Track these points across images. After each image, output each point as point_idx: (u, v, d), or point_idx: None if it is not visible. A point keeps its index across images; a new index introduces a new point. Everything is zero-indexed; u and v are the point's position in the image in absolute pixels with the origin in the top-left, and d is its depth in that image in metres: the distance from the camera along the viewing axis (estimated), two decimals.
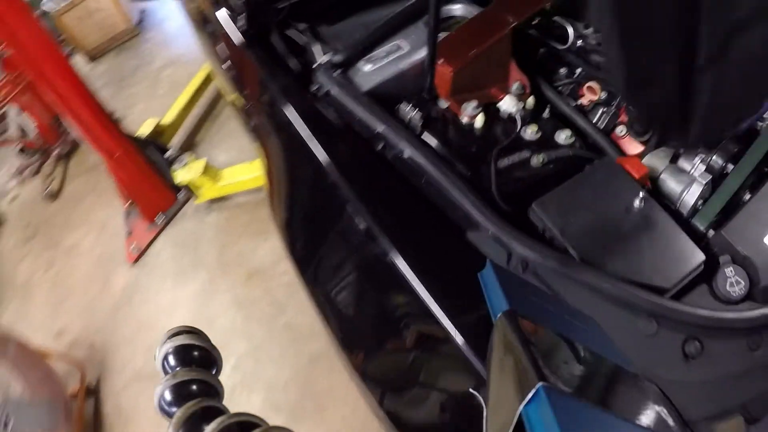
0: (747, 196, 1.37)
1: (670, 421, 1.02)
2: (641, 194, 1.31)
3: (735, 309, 1.15)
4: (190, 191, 3.55)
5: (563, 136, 1.54)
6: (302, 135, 1.60)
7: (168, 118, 3.91)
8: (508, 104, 1.60)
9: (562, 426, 0.59)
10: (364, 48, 1.77)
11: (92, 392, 3.05)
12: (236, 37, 1.97)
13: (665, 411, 1.03)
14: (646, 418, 0.81)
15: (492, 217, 1.24)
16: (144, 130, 3.76)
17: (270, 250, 3.25)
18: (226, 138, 4.00)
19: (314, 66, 1.78)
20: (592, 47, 1.75)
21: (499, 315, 0.82)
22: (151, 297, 3.36)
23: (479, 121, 1.57)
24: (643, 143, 1.58)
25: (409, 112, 1.58)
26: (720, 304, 1.19)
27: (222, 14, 2.05)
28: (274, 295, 3.07)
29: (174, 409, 1.02)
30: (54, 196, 4.27)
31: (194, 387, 1.06)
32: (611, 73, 1.32)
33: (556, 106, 1.69)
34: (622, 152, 1.61)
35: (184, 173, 3.37)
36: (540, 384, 0.63)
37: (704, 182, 1.37)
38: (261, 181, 3.29)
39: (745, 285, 1.19)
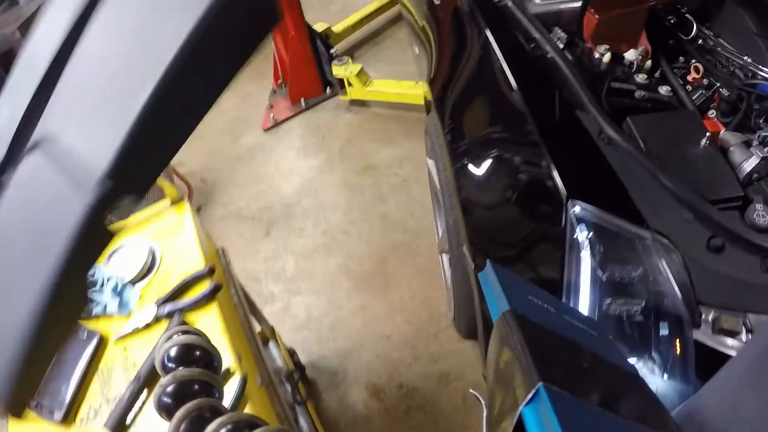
0: None
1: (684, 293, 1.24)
2: (708, 134, 1.60)
3: (757, 235, 1.32)
4: (337, 88, 3.89)
5: (665, 89, 1.85)
6: (482, 28, 1.97)
7: (338, 28, 4.26)
8: (631, 55, 1.94)
9: (562, 426, 0.58)
10: None
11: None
12: None
13: (685, 281, 1.25)
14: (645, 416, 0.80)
15: (596, 104, 1.58)
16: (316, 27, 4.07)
17: (389, 154, 3.57)
18: (384, 60, 4.28)
19: None
20: (710, 47, 2.06)
21: (499, 314, 0.81)
22: (272, 159, 3.69)
23: (606, 58, 1.92)
24: (725, 125, 1.83)
25: (559, 34, 1.95)
26: (746, 227, 1.36)
27: None
28: (380, 188, 3.40)
29: (174, 409, 1.03)
30: None
31: (194, 387, 1.07)
32: None
33: (666, 76, 2.01)
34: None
35: (342, 69, 3.72)
36: (540, 384, 0.62)
37: (762, 155, 1.59)
38: (402, 99, 3.65)
39: None
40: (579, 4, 2.02)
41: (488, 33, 1.93)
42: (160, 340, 1.17)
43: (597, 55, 1.94)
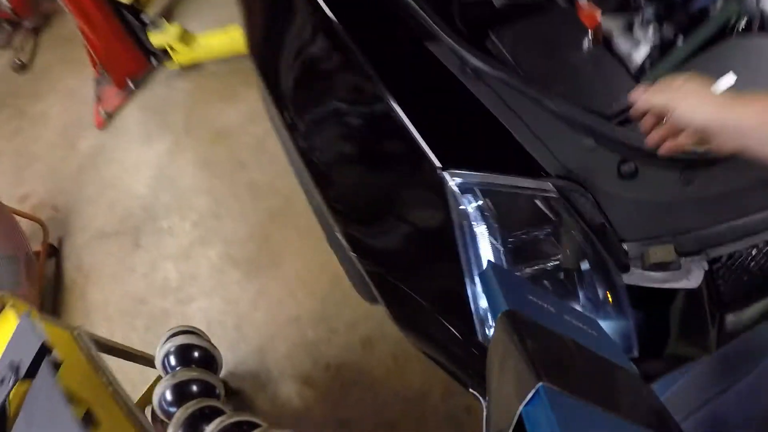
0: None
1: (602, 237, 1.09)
2: (589, 34, 1.37)
3: None
4: (162, 57, 3.48)
5: None
6: None
7: None
8: None
9: (562, 426, 0.59)
10: None
11: (55, 250, 3.05)
12: None
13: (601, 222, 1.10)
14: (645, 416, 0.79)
15: (449, 32, 1.26)
16: None
17: (237, 113, 3.20)
18: (207, 6, 3.88)
19: None
20: None
21: (498, 315, 0.81)
22: (116, 158, 3.33)
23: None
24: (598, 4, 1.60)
25: None
26: None
27: None
28: (237, 155, 3.04)
29: (174, 409, 1.03)
30: (23, 67, 4.15)
31: (194, 387, 1.09)
32: None
33: None
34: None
35: (160, 37, 3.29)
36: (540, 384, 0.63)
37: (652, 44, 1.43)
38: (235, 48, 3.24)
39: None
40: None
41: None
42: (161, 341, 1.12)
43: None
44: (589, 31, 1.37)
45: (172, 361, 1.14)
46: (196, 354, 1.15)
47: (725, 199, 1.14)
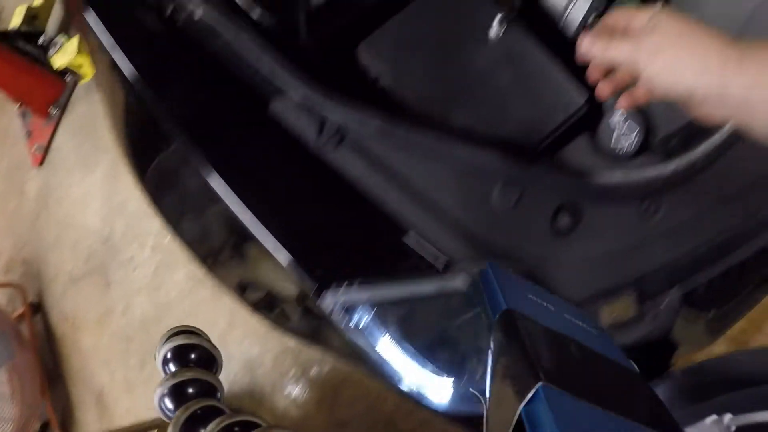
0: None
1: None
2: (498, 16, 1.00)
3: (623, 166, 0.93)
4: (76, 72, 3.28)
5: None
6: None
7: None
8: None
9: (561, 426, 0.58)
10: None
11: (37, 308, 3.04)
12: None
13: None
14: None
15: (295, 70, 0.93)
16: (15, 21, 3.41)
17: None
18: None
19: None
20: None
21: (497, 315, 0.79)
22: (63, 195, 3.22)
23: None
24: None
25: None
26: (602, 158, 0.96)
27: None
28: None
29: (173, 410, 1.03)
30: None
31: (194, 387, 1.08)
32: None
33: None
34: None
35: (60, 57, 3.09)
36: (540, 384, 0.62)
37: None
38: None
39: (638, 135, 0.95)
40: None
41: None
42: (161, 341, 1.11)
43: None
44: (498, 13, 0.99)
45: (172, 361, 1.13)
46: (195, 354, 1.13)
47: (698, 221, 0.93)
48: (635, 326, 0.94)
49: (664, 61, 0.67)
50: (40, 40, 3.25)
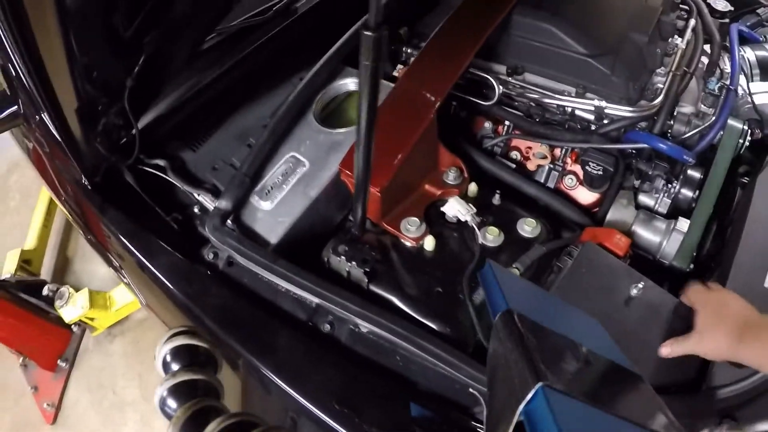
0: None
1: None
2: (641, 284, 1.18)
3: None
4: (84, 324, 3.08)
5: (528, 228, 1.30)
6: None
7: (30, 242, 3.38)
8: (454, 209, 1.31)
9: (561, 426, 0.58)
10: (254, 175, 1.40)
11: None
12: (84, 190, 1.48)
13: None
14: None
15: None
16: (9, 266, 3.23)
17: None
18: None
19: (198, 221, 1.41)
20: (518, 92, 1.48)
21: (498, 315, 0.81)
22: None
23: (429, 244, 1.26)
24: (600, 193, 1.47)
25: (344, 262, 1.24)
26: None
27: None
28: None
29: (174, 410, 1.01)
30: None
31: (194, 387, 1.05)
32: None
33: (499, 178, 1.43)
34: (582, 209, 1.46)
35: (70, 311, 2.89)
36: (539, 384, 0.62)
37: (683, 230, 1.34)
38: None
39: None
40: (330, 171, 1.44)
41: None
42: (161, 341, 1.12)
43: (411, 245, 1.29)
44: (636, 275, 1.22)
45: (172, 361, 1.11)
46: (195, 354, 1.11)
47: None
48: None
49: (709, 343, 1.06)
50: (45, 291, 3.06)
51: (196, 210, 1.45)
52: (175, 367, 1.12)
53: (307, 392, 1.08)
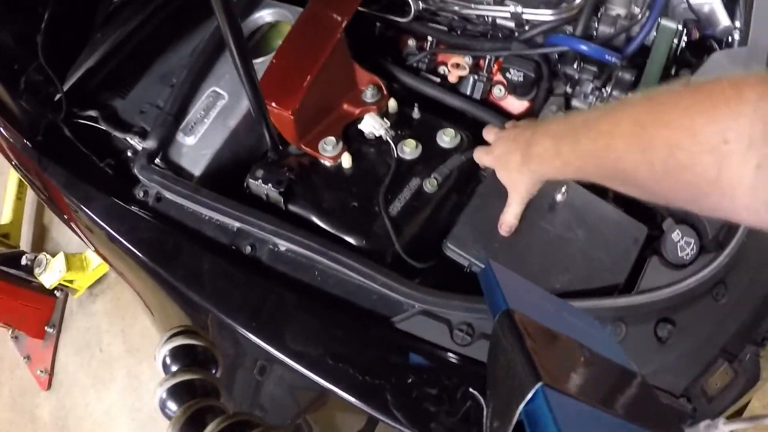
0: None
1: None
2: (563, 188, 1.17)
3: (693, 271, 1.08)
4: (65, 287, 3.17)
5: (446, 139, 1.30)
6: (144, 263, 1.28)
7: (6, 216, 3.42)
8: (370, 124, 1.32)
9: (561, 426, 0.58)
10: (177, 113, 1.43)
11: None
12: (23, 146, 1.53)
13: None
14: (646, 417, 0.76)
15: (412, 286, 1.08)
16: None
17: None
18: None
19: (132, 163, 1.44)
20: (439, 6, 1.49)
21: (498, 314, 0.81)
22: (83, 416, 3.02)
23: (346, 161, 1.29)
24: (529, 101, 1.44)
25: (261, 185, 1.28)
26: (675, 270, 1.11)
27: None
28: None
29: (174, 410, 1.00)
30: None
31: (194, 387, 1.04)
32: None
33: (421, 93, 1.45)
34: (511, 117, 1.44)
35: (49, 276, 2.96)
36: (539, 384, 0.62)
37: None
38: None
39: (695, 242, 1.12)
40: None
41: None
42: (160, 341, 1.11)
43: (330, 164, 1.32)
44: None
45: (172, 361, 1.09)
46: (195, 354, 1.09)
47: (755, 284, 1.13)
48: (735, 385, 1.06)
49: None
50: (23, 261, 3.11)
51: (129, 153, 1.48)
52: (174, 367, 1.11)
53: (229, 309, 1.13)
